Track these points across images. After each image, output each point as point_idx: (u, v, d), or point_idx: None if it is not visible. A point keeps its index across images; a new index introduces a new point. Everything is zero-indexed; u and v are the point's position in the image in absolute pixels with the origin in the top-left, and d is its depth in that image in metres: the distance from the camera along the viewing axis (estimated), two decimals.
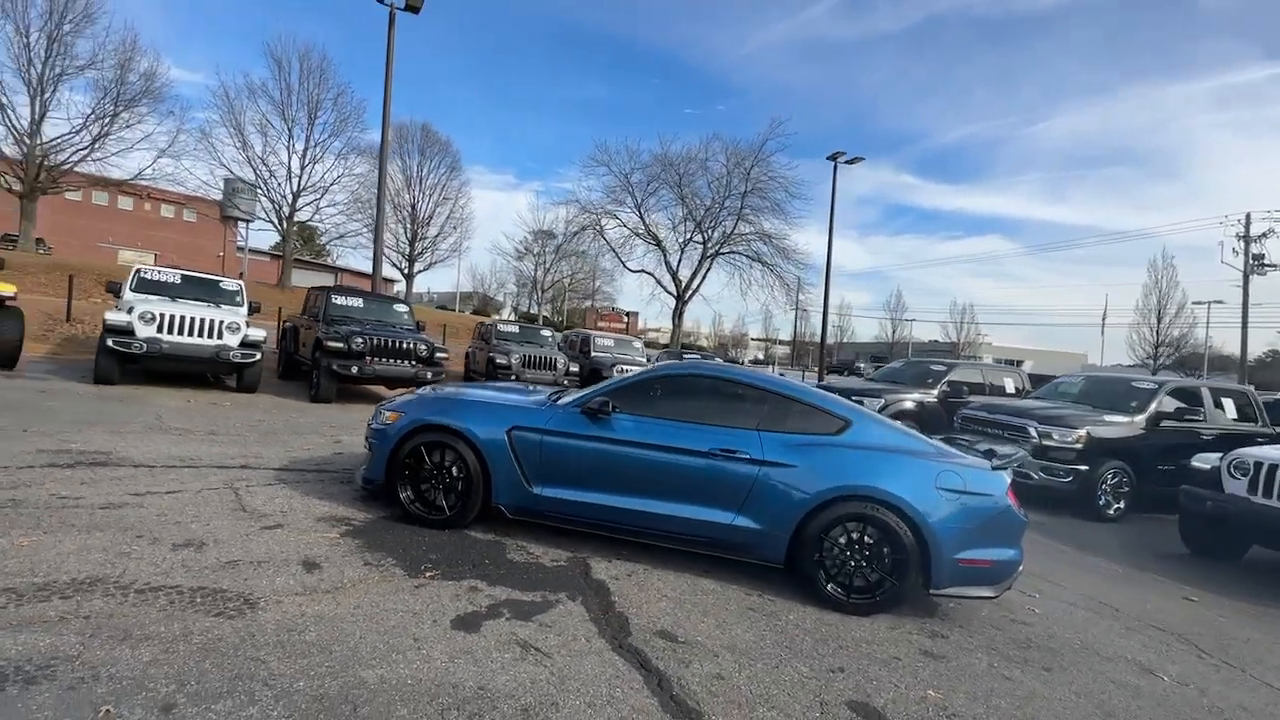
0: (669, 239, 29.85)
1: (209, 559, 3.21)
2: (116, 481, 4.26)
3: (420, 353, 9.63)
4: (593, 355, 14.78)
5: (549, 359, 12.77)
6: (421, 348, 9.67)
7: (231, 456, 5.34)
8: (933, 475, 3.59)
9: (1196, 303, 40.24)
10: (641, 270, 30.93)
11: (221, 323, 8.58)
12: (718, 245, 29.04)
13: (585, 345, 15.44)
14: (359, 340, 9.06)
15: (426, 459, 4.12)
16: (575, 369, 13.24)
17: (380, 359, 9.24)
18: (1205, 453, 6.37)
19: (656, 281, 30.25)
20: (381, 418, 4.33)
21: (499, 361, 12.20)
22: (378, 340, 9.26)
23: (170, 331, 8.23)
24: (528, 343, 13.51)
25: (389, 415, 4.30)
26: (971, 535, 3.54)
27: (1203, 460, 6.17)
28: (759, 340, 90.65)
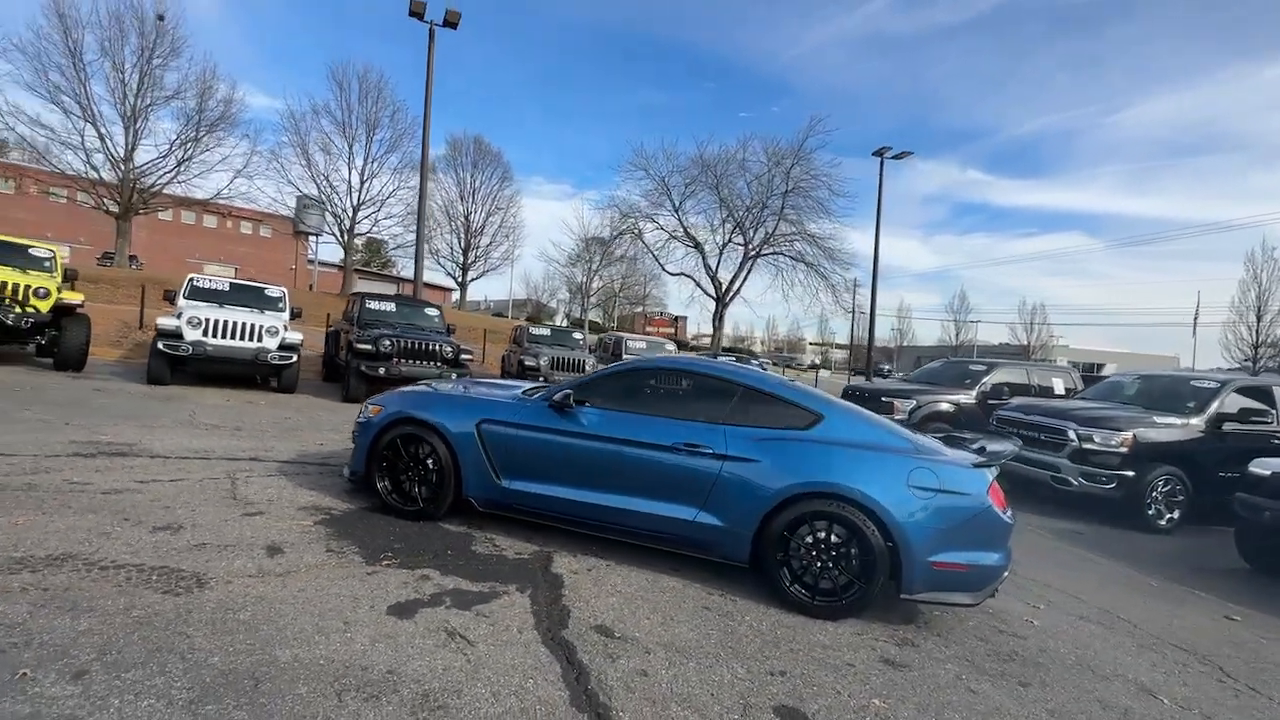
0: (708, 241, 29.60)
1: (181, 541, 3.38)
2: (128, 470, 4.57)
3: (446, 354, 9.91)
4: (624, 357, 14.80)
5: (577, 361, 12.88)
6: (447, 349, 9.95)
7: (245, 450, 5.63)
8: (905, 472, 3.37)
9: None
10: (681, 273, 30.81)
11: (261, 327, 9.11)
12: (759, 246, 28.48)
13: (618, 347, 15.52)
14: (387, 343, 9.42)
15: (403, 451, 4.21)
16: None
17: (407, 360, 9.57)
18: (1267, 457, 5.72)
19: (696, 284, 30.05)
20: (366, 411, 4.47)
21: (528, 363, 12.39)
22: (405, 343, 9.59)
23: (214, 335, 8.80)
24: (558, 345, 13.69)
25: (372, 409, 4.43)
26: (947, 537, 3.30)
27: (1262, 466, 5.53)
28: (816, 345, 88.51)
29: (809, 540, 3.43)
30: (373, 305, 10.78)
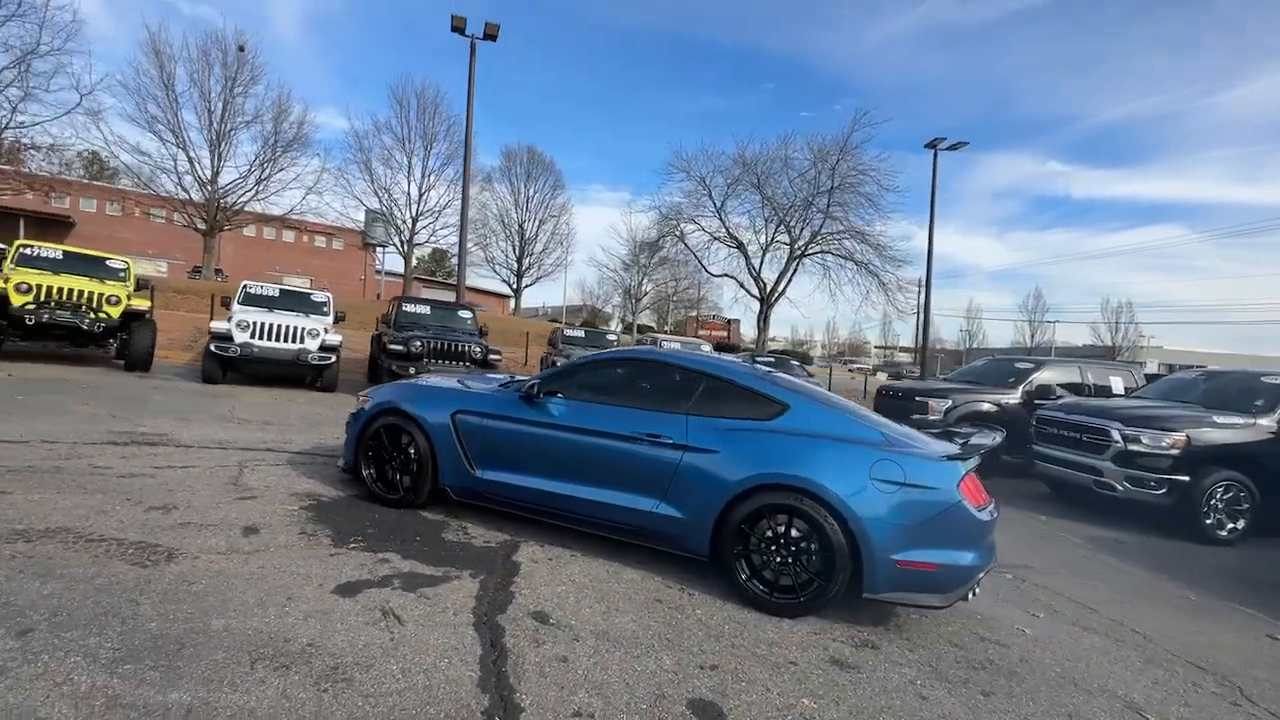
0: (751, 242, 28.98)
1: (169, 520, 3.62)
2: (150, 457, 4.94)
3: (474, 355, 10.20)
4: None
5: None
6: (476, 350, 10.24)
7: (265, 441, 5.98)
8: (868, 464, 3.19)
9: None
10: (724, 274, 30.38)
11: (303, 329, 9.66)
12: (805, 245, 27.69)
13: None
14: (417, 344, 9.79)
15: (386, 441, 4.35)
16: None
17: (437, 360, 9.90)
18: None
19: (740, 285, 29.56)
20: (358, 402, 4.65)
21: (557, 363, 12.57)
22: (435, 343, 9.94)
23: (260, 337, 9.41)
24: (590, 346, 13.81)
25: (362, 400, 4.60)
26: (912, 533, 3.10)
27: None
28: (881, 348, 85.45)
29: (769, 534, 3.30)
30: (408, 308, 11.24)
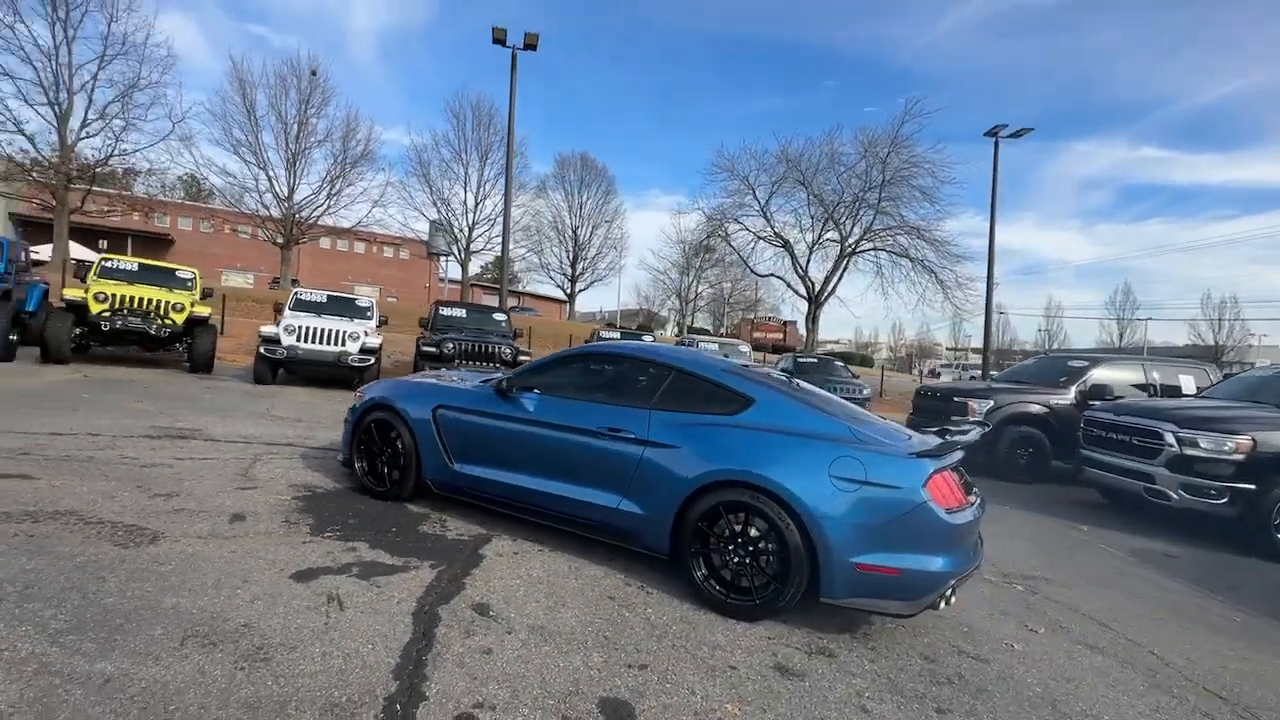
0: (798, 241, 28.12)
1: (167, 506, 3.86)
2: (176, 449, 5.31)
3: (505, 356, 10.42)
4: None
5: None
6: (506, 352, 10.46)
7: (288, 437, 6.31)
8: (827, 461, 3.02)
9: None
10: (770, 274, 29.68)
11: (345, 332, 10.16)
12: (855, 242, 26.65)
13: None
14: (450, 345, 10.10)
15: (376, 435, 4.49)
16: None
17: (468, 361, 10.19)
18: None
19: (787, 285, 28.76)
20: (356, 398, 4.83)
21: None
22: (467, 345, 10.22)
23: (305, 340, 9.96)
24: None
25: (358, 396, 4.78)
26: (874, 535, 2.90)
27: None
28: (952, 349, 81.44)
29: (727, 533, 3.18)
30: (445, 312, 11.63)
